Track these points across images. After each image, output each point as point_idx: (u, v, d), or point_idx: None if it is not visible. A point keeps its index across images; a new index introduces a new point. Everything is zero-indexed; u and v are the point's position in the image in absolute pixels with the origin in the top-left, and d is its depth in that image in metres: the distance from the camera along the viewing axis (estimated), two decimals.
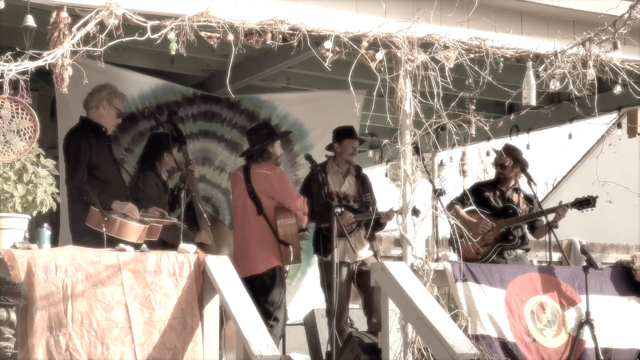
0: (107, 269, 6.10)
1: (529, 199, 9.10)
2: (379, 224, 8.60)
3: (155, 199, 7.70)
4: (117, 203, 6.96)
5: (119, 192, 7.26)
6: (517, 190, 9.09)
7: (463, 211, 8.79)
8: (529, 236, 9.16)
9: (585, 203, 8.64)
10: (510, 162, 8.93)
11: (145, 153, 8.33)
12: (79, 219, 6.98)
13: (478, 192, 8.99)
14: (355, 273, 8.51)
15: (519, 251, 8.95)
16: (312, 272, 10.22)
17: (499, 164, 9.05)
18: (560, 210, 8.63)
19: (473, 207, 8.62)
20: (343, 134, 8.69)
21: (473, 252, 8.58)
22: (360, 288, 8.62)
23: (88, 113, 7.43)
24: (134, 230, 6.79)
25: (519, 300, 7.43)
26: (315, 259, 9.97)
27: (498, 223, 8.81)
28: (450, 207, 8.69)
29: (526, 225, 9.00)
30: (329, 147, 8.81)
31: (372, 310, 8.45)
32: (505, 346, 7.19)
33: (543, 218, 8.74)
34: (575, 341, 7.46)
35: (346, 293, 8.54)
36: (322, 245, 8.38)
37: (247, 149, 8.38)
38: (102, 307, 6.03)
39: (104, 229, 6.62)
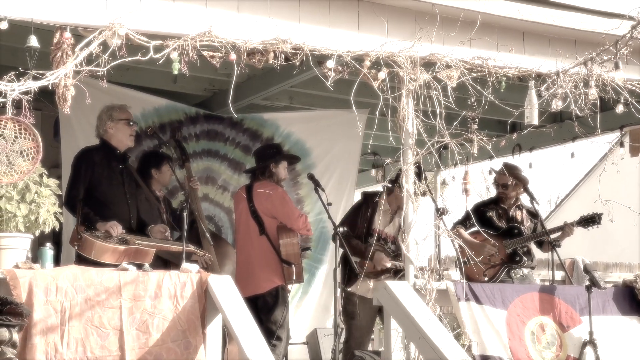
0: (106, 291, 6.08)
1: (532, 214, 9.05)
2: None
3: (144, 212, 7.65)
4: (100, 224, 6.93)
5: (121, 214, 7.20)
6: (519, 207, 9.05)
7: (466, 233, 8.76)
8: (535, 251, 9.12)
9: (590, 221, 8.61)
10: (513, 181, 8.90)
11: (136, 172, 8.31)
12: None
13: (480, 213, 8.92)
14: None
15: (525, 270, 8.91)
16: (314, 291, 10.22)
17: (500, 184, 8.99)
18: (567, 229, 8.59)
19: (476, 228, 8.59)
20: None
21: (479, 275, 8.55)
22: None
23: (104, 139, 7.44)
24: (109, 251, 6.68)
25: (519, 321, 7.41)
26: (317, 278, 9.97)
27: (503, 244, 8.78)
28: (453, 230, 8.66)
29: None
30: (392, 182, 8.34)
31: None
32: None
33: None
34: None
35: (368, 326, 8.54)
36: (347, 275, 8.24)
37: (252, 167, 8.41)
38: (97, 333, 6.00)
39: (76, 247, 6.60)
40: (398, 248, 8.34)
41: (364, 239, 8.25)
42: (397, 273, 8.25)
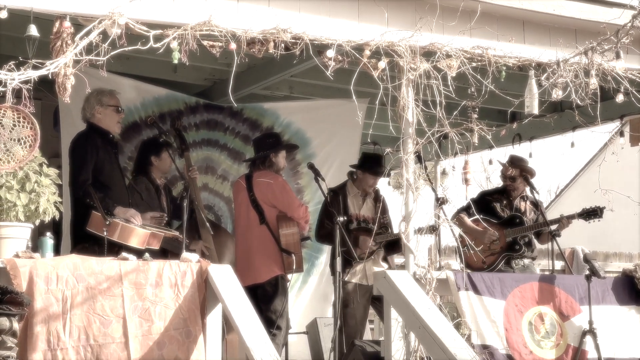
0: (108, 280, 6.09)
1: (536, 205, 9.08)
2: (395, 247, 8.59)
3: (146, 201, 7.66)
4: (119, 209, 6.95)
5: (121, 198, 7.24)
6: (524, 197, 9.08)
7: (469, 220, 8.78)
8: (535, 243, 9.15)
9: (592, 213, 8.61)
10: (519, 172, 8.92)
11: (136, 161, 8.32)
12: (81, 223, 6.93)
13: (484, 202, 8.99)
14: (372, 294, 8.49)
15: (526, 260, 8.93)
16: (313, 281, 10.22)
17: (507, 177, 9.02)
18: (563, 221, 8.61)
19: (477, 217, 8.60)
20: (368, 166, 8.69)
21: (478, 262, 8.57)
22: (377, 309, 8.64)
23: (92, 122, 7.43)
24: (137, 234, 6.73)
25: (517, 312, 7.42)
26: (316, 268, 9.96)
27: (504, 232, 8.79)
28: (456, 215, 8.69)
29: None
30: (354, 167, 8.85)
31: None
32: (502, 358, 7.18)
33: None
34: (577, 351, 7.45)
35: (363, 314, 8.58)
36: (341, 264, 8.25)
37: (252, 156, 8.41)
38: (100, 321, 6.02)
39: (105, 233, 6.57)
40: (381, 226, 8.55)
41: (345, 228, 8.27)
42: (388, 247, 8.48)
